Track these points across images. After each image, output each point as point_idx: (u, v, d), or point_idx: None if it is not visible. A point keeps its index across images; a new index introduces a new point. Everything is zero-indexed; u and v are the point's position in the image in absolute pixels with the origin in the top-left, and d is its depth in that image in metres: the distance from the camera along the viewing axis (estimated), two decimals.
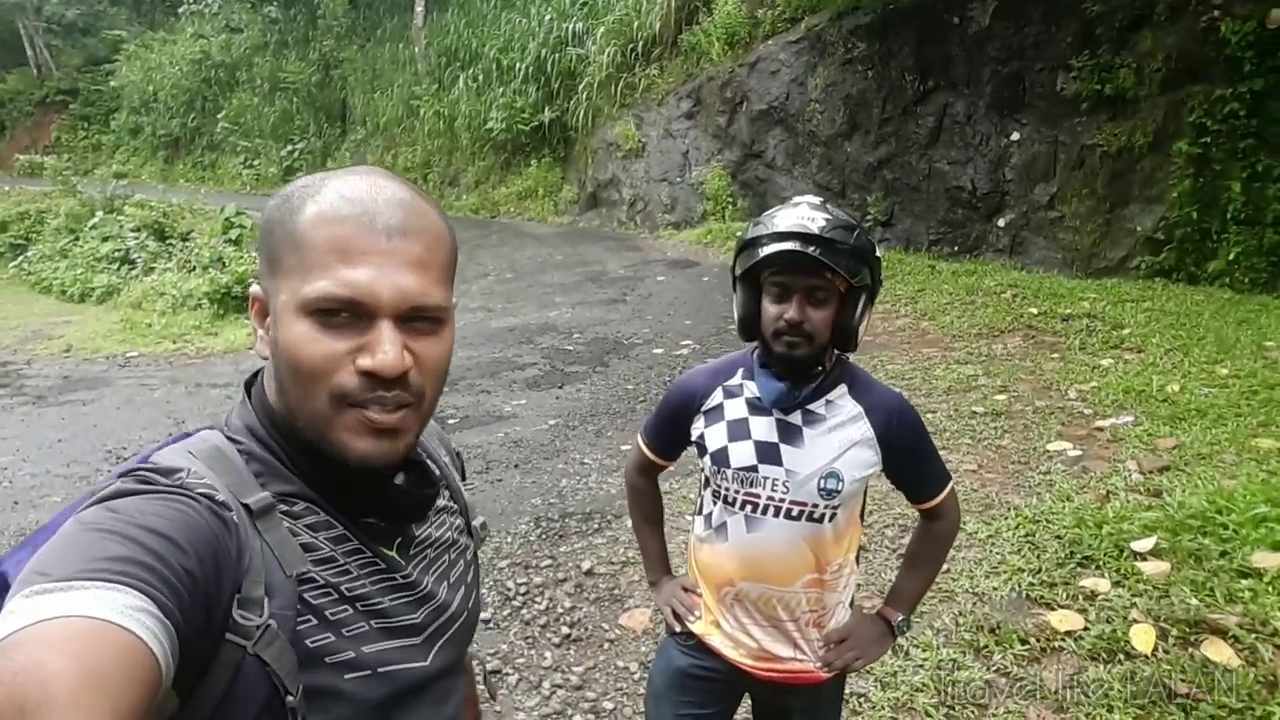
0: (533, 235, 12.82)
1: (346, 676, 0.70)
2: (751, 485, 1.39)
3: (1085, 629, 2.62)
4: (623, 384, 5.91)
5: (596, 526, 3.63)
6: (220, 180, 20.39)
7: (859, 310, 1.34)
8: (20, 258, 12.90)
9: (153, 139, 22.95)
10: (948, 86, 8.77)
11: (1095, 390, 4.65)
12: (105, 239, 11.99)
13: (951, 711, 2.38)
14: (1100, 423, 4.20)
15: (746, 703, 1.62)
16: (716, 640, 1.47)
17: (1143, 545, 2.92)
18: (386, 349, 0.68)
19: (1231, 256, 6.51)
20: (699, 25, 12.30)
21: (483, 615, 2.95)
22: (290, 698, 0.64)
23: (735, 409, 1.43)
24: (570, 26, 14.14)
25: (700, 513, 1.52)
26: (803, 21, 10.59)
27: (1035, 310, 6.39)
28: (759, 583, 1.41)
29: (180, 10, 22.88)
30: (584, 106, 13.71)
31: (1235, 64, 6.25)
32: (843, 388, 1.41)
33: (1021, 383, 4.95)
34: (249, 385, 0.80)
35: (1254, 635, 2.44)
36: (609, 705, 2.53)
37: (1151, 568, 2.82)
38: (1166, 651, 2.47)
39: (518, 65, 14.59)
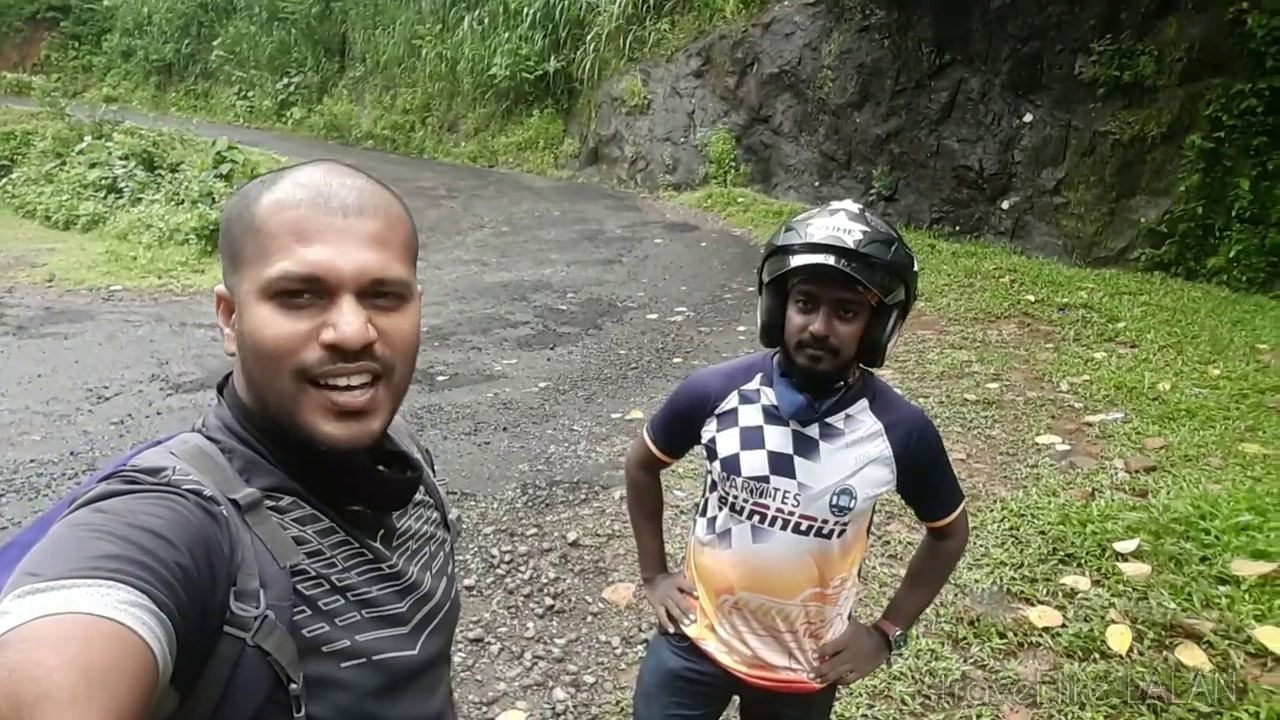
0: (531, 188, 12.62)
1: (343, 665, 0.71)
2: (761, 496, 1.35)
3: (1063, 626, 2.65)
4: (615, 349, 5.87)
5: (584, 497, 3.62)
6: (213, 111, 19.85)
7: (889, 327, 1.28)
8: (4, 179, 12.56)
9: (145, 63, 22.22)
10: (964, 62, 8.60)
11: (1087, 384, 4.66)
12: (93, 165, 11.68)
13: (928, 701, 2.41)
14: (1090, 417, 4.21)
15: (735, 703, 1.62)
16: (711, 645, 1.45)
17: (1125, 546, 2.95)
18: (350, 319, 0.68)
19: (1232, 254, 6.50)
20: None
21: (466, 582, 2.94)
22: (294, 685, 0.65)
23: (750, 416, 1.38)
24: None
25: (704, 515, 1.48)
26: None
27: (1032, 297, 6.37)
28: (760, 593, 1.38)
29: None
30: (591, 58, 13.39)
31: (1258, 59, 6.15)
32: (864, 402, 1.36)
33: (1014, 371, 4.95)
34: (221, 387, 0.80)
35: (1228, 642, 2.47)
36: (590, 679, 2.55)
37: (1132, 569, 2.85)
38: (1141, 653, 2.50)
39: (525, 10, 14.19)
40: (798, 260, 1.23)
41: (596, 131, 13.71)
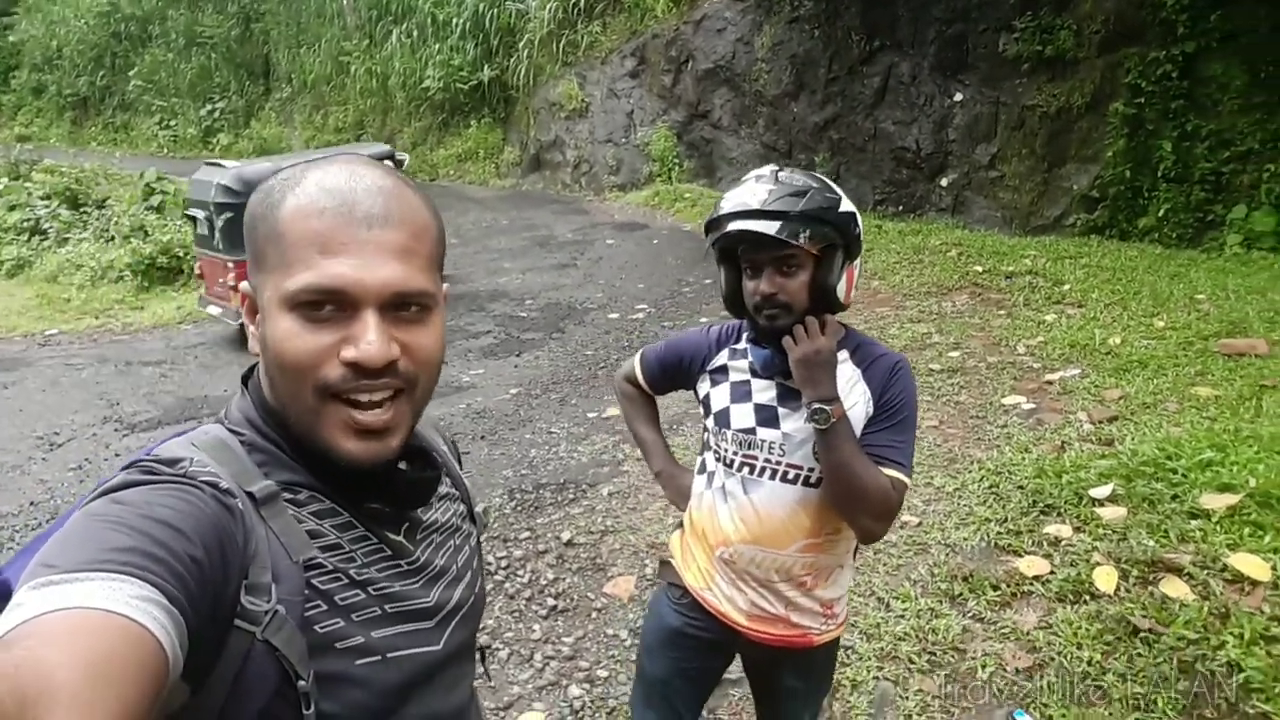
0: (475, 199, 12.52)
1: (358, 662, 0.69)
2: (749, 448, 1.40)
3: (1051, 573, 2.75)
4: (581, 350, 5.87)
5: (572, 496, 3.61)
6: (134, 143, 19.17)
7: (835, 269, 1.33)
8: None
9: (58, 99, 21.34)
10: (893, 47, 8.84)
11: (1042, 345, 4.84)
12: (12, 208, 11.16)
13: (933, 657, 2.48)
14: (1050, 376, 4.38)
15: (740, 682, 1.64)
16: (711, 596, 1.48)
17: (1100, 492, 3.07)
18: (371, 338, 0.66)
19: (1161, 213, 6.82)
20: None
21: None
22: (302, 682, 0.64)
23: (739, 371, 1.46)
24: None
25: (700, 473, 1.54)
26: None
27: (980, 268, 6.58)
28: (754, 545, 1.42)
29: None
30: (525, 65, 13.35)
31: (1169, 27, 6.47)
32: (844, 354, 1.41)
33: (973, 339, 5.11)
34: (246, 379, 0.79)
35: (1206, 571, 2.59)
36: (603, 673, 2.55)
37: (1109, 513, 2.97)
38: (1128, 590, 2.61)
39: (454, 21, 14.08)
40: (718, 231, 1.33)
41: (536, 138, 13.67)
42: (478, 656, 1.06)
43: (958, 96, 8.37)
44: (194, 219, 6.86)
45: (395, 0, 15.43)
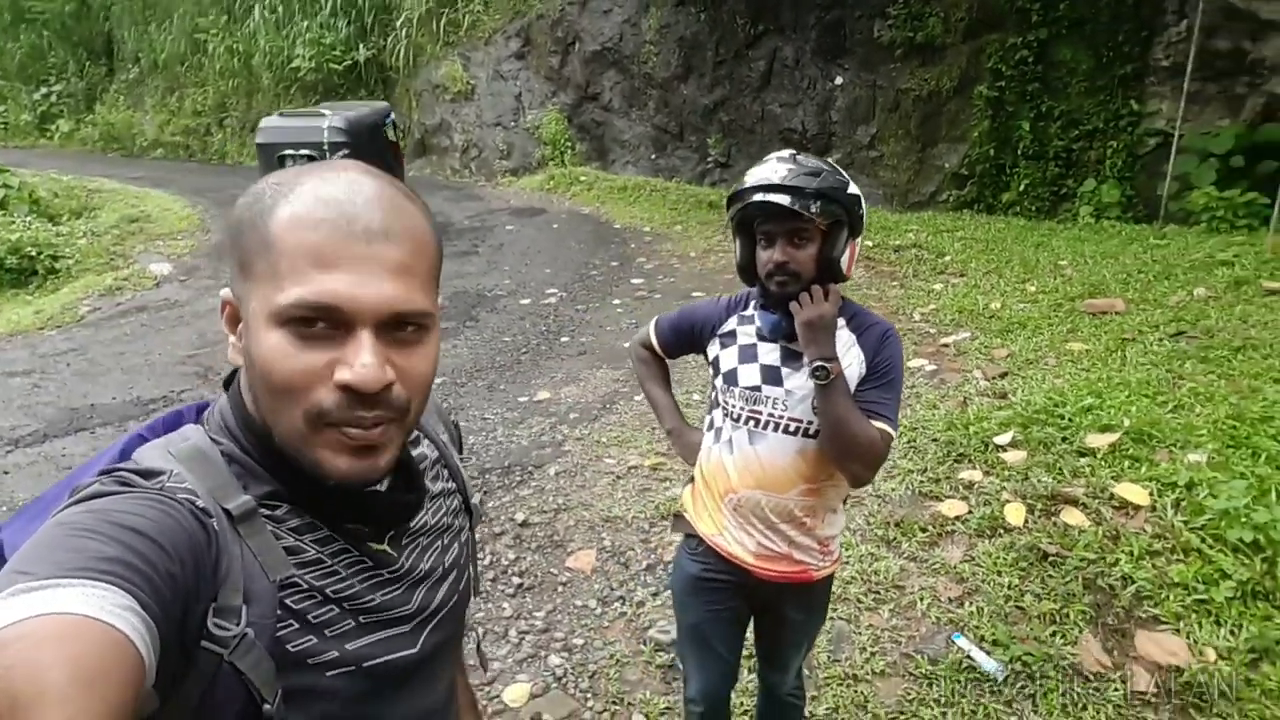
0: None
1: (328, 674, 0.69)
2: (755, 404, 1.57)
3: (969, 513, 3.08)
4: (499, 337, 5.85)
5: (519, 479, 3.66)
6: None
7: (840, 244, 1.51)
8: None
9: None
10: (777, 31, 9.20)
11: (934, 312, 5.28)
12: None
13: (878, 595, 2.74)
14: (945, 340, 4.80)
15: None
16: (723, 540, 1.65)
17: (1002, 439, 3.45)
18: (366, 360, 0.63)
19: (1021, 188, 7.52)
20: None
21: None
22: (267, 706, 0.63)
23: (747, 335, 1.62)
24: None
25: (709, 429, 1.70)
26: None
27: (870, 243, 7.03)
28: (758, 490, 1.59)
29: None
30: (403, 44, 12.90)
31: (1025, 15, 7.12)
32: (841, 320, 1.58)
33: (874, 309, 5.48)
34: (227, 384, 0.76)
35: (1097, 501, 2.99)
36: (579, 641, 2.65)
37: (1012, 457, 3.34)
38: (1035, 522, 2.97)
39: None
40: (739, 203, 1.50)
41: (420, 121, 13.27)
42: (474, 646, 1.05)
43: (838, 80, 8.84)
44: (291, 158, 7.70)
45: None
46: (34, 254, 8.43)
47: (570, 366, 5.14)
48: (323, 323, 0.63)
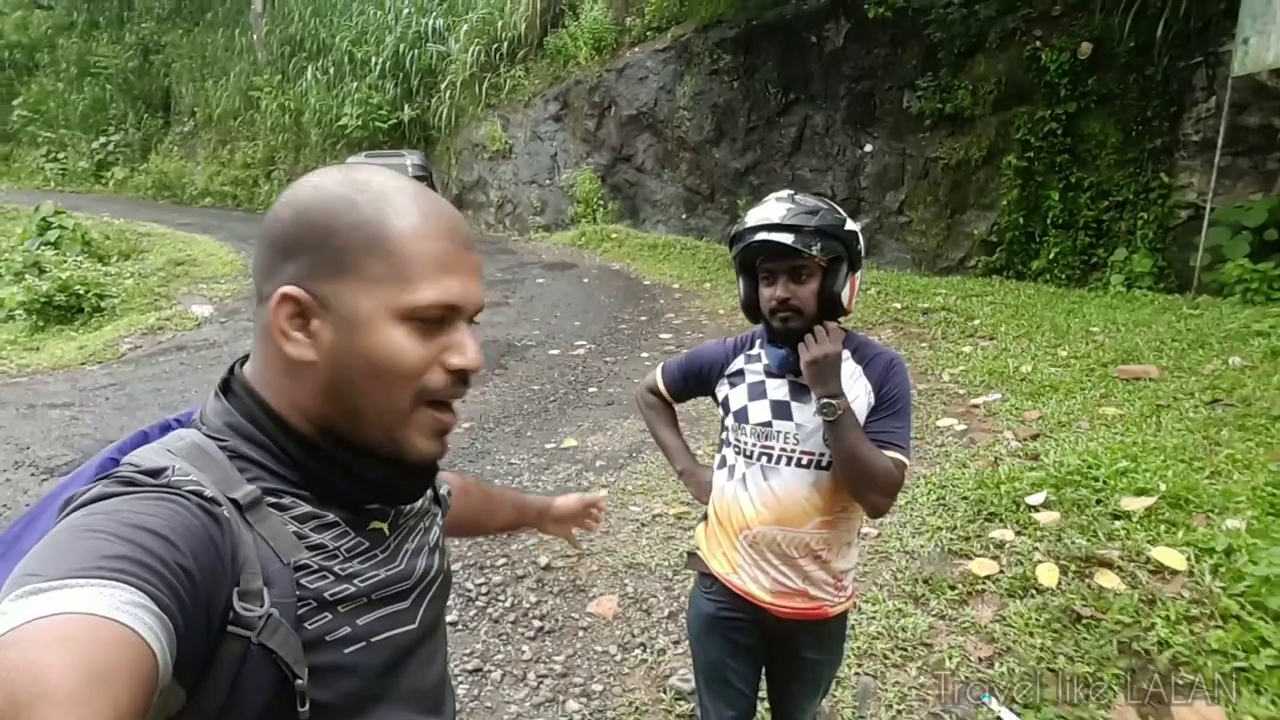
0: None
1: (347, 651, 0.72)
2: (767, 439, 1.59)
3: (1000, 572, 3.02)
4: (528, 385, 5.92)
5: None
6: (17, 176, 17.94)
7: (840, 279, 1.54)
8: None
9: None
10: (807, 100, 9.46)
11: (964, 373, 5.25)
12: None
13: (905, 652, 2.68)
14: (975, 400, 4.77)
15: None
16: (737, 580, 1.64)
17: (1035, 499, 3.39)
18: (474, 347, 0.75)
19: (1051, 256, 7.53)
20: (565, 29, 12.43)
21: (449, 618, 2.91)
22: (300, 681, 0.65)
23: (755, 373, 1.65)
24: (430, 22, 13.80)
25: (721, 467, 1.71)
26: (669, 31, 11.00)
27: (899, 305, 7.06)
28: (774, 525, 1.59)
29: None
30: (446, 106, 13.44)
31: (1053, 89, 7.25)
32: (846, 353, 1.61)
33: None
34: (224, 389, 0.79)
35: (1132, 564, 2.92)
36: (598, 688, 2.61)
37: (1044, 517, 3.28)
38: (1068, 584, 2.89)
39: (373, 59, 14.05)
40: (741, 242, 1.55)
41: (459, 178, 13.71)
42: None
43: (868, 147, 9.02)
44: None
45: (309, 37, 15.27)
46: (81, 292, 8.75)
47: (597, 416, 5.17)
48: (442, 320, 0.73)
